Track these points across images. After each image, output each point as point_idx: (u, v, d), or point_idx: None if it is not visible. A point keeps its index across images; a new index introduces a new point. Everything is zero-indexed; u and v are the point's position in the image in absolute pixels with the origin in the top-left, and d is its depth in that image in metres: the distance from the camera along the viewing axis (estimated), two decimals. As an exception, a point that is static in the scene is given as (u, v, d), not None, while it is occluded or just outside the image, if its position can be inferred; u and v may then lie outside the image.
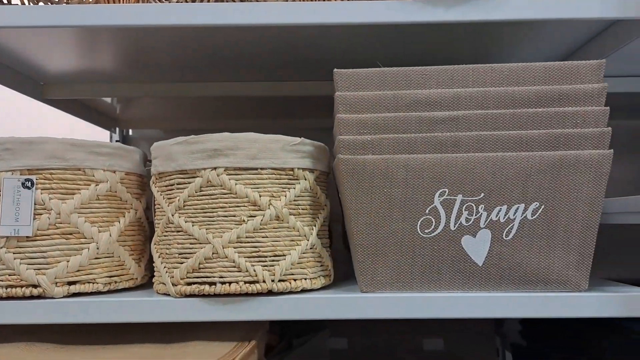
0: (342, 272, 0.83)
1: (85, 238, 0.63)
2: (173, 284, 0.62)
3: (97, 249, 0.64)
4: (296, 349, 0.99)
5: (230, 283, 0.60)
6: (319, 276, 0.66)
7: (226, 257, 0.60)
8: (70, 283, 0.62)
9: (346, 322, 1.10)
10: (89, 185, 0.64)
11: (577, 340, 0.74)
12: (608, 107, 0.63)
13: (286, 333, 1.08)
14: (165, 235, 0.64)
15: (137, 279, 0.69)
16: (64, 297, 0.62)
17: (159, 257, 0.65)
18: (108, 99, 1.11)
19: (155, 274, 0.66)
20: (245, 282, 0.61)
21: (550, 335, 0.82)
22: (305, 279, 0.64)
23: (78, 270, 0.62)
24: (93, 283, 0.63)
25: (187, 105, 1.12)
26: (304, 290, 0.64)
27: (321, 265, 0.67)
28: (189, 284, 0.61)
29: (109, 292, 0.65)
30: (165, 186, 0.65)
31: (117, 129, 1.21)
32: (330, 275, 0.69)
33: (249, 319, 0.61)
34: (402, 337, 1.10)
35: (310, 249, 0.65)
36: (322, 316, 0.61)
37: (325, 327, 1.11)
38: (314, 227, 0.66)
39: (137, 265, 0.69)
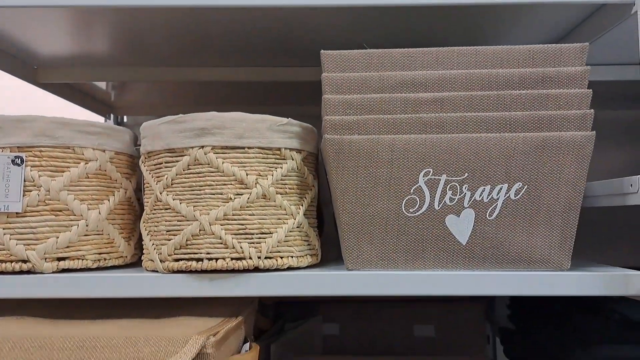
0: (334, 256, 0.84)
1: (75, 215, 0.64)
2: (161, 260, 0.63)
3: (87, 226, 0.64)
4: (288, 333, 1.00)
5: (217, 259, 0.61)
6: (305, 255, 0.67)
7: (213, 234, 0.61)
8: (59, 259, 0.63)
9: (338, 308, 1.12)
10: (79, 163, 0.65)
11: (562, 322, 0.75)
12: (591, 90, 0.64)
13: (279, 318, 1.09)
14: (153, 213, 0.65)
15: (126, 257, 0.70)
16: (53, 272, 0.62)
17: (148, 234, 0.66)
18: (103, 85, 1.12)
19: (144, 251, 0.67)
20: (232, 259, 0.62)
21: (537, 318, 0.83)
22: (292, 256, 0.65)
23: (67, 247, 0.63)
24: (82, 260, 0.64)
25: (181, 91, 1.13)
26: (290, 268, 0.65)
27: (308, 245, 0.68)
28: (177, 260, 0.62)
29: (98, 269, 0.66)
30: (154, 165, 0.66)
31: (112, 115, 1.22)
32: (317, 255, 0.70)
33: (235, 295, 0.62)
34: (393, 323, 1.11)
35: (297, 227, 0.66)
36: (307, 292, 0.62)
37: (317, 313, 1.13)
38: (300, 207, 0.67)
39: (127, 243, 0.70)
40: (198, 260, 0.62)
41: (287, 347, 1.10)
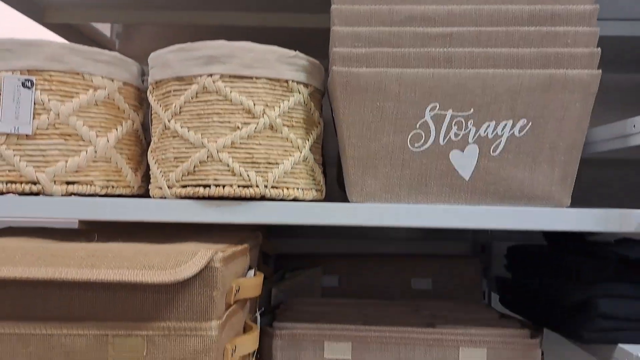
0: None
1: (84, 141, 0.65)
2: (169, 187, 0.64)
3: (95, 152, 0.65)
4: (288, 280, 1.02)
5: (224, 186, 0.62)
6: (310, 189, 0.68)
7: (220, 161, 0.62)
8: (68, 183, 0.64)
9: (338, 262, 1.13)
10: (88, 90, 0.65)
11: (558, 265, 0.76)
12: (598, 29, 0.64)
13: (280, 268, 1.11)
14: (161, 142, 0.66)
15: (133, 187, 0.71)
16: (62, 195, 0.63)
17: (155, 162, 0.66)
18: (107, 33, 1.12)
19: (151, 180, 0.68)
20: (239, 186, 0.63)
21: (533, 265, 0.84)
22: (297, 188, 0.66)
23: (76, 171, 0.64)
24: (91, 185, 0.65)
25: (186, 40, 1.12)
26: (295, 200, 0.66)
27: (313, 180, 0.69)
28: (184, 186, 0.63)
29: (106, 196, 0.67)
30: (162, 94, 0.66)
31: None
32: (322, 191, 0.71)
33: (241, 222, 0.63)
34: (391, 276, 1.13)
35: (303, 161, 0.67)
36: (311, 221, 0.63)
37: (317, 265, 1.14)
38: (307, 141, 0.68)
39: (134, 174, 0.71)
40: (205, 186, 0.63)
41: (287, 293, 1.12)
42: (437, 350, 0.71)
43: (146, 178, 0.73)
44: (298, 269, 1.10)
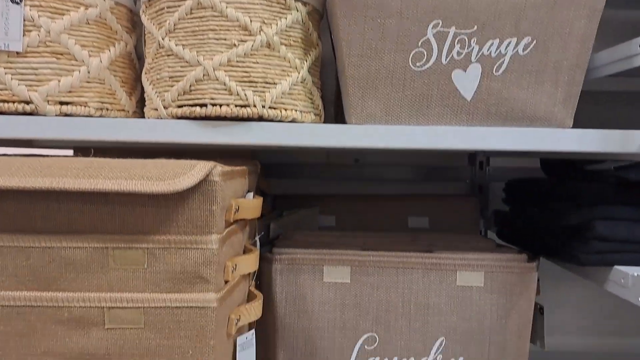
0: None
1: (76, 60, 0.63)
2: (164, 107, 0.63)
3: (88, 72, 0.64)
4: (286, 217, 1.02)
5: (221, 105, 0.61)
6: (309, 112, 0.67)
7: (217, 80, 0.61)
8: (62, 103, 0.63)
9: (335, 202, 1.13)
10: (79, 8, 0.63)
11: (557, 192, 0.77)
12: (609, -59, 0.62)
13: (278, 207, 1.11)
14: (155, 62, 0.64)
15: (128, 111, 0.69)
16: (56, 116, 0.62)
17: (150, 84, 0.65)
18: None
19: (146, 102, 0.67)
20: (236, 106, 0.61)
21: (532, 195, 0.84)
22: (296, 110, 0.65)
23: (69, 92, 0.63)
24: (85, 106, 0.64)
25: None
26: (294, 122, 0.65)
27: (312, 103, 0.68)
28: (180, 106, 0.62)
29: (101, 117, 0.66)
30: (155, 12, 0.64)
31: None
32: (321, 116, 0.70)
33: (239, 143, 0.62)
34: (388, 215, 1.13)
35: (301, 82, 0.65)
36: (310, 143, 0.63)
37: (314, 205, 1.14)
38: (305, 62, 0.66)
39: (129, 98, 0.69)
40: (202, 106, 0.61)
41: (285, 229, 1.13)
42: (435, 274, 0.72)
43: (141, 104, 0.72)
44: (295, 209, 1.11)
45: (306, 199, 1.14)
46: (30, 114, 0.62)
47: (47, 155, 0.69)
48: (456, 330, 0.72)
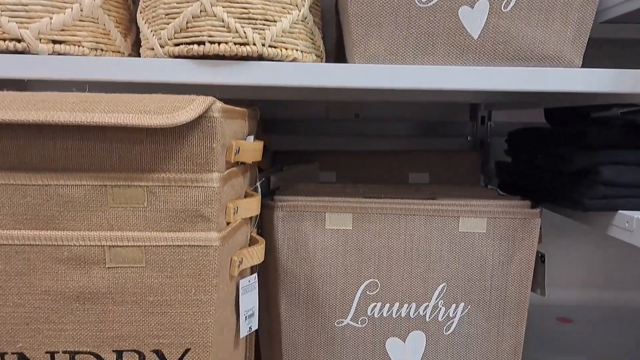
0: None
1: (68, -3, 0.60)
2: (161, 46, 0.61)
3: (81, 10, 0.61)
4: (286, 171, 1.01)
5: (219, 43, 0.59)
6: (310, 52, 0.65)
7: (215, 16, 0.58)
8: (55, 42, 0.60)
9: (335, 156, 1.12)
10: (68, -60, 0.60)
11: (561, 138, 0.75)
12: None
13: (277, 163, 1.09)
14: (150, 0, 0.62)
15: (123, 53, 0.67)
16: (49, 55, 0.60)
17: (145, 23, 0.63)
18: None
19: (142, 43, 0.64)
20: (235, 44, 0.59)
21: (536, 142, 0.83)
22: (297, 50, 0.63)
23: (62, 30, 0.60)
24: (78, 46, 0.61)
25: None
26: (295, 61, 0.63)
27: (313, 43, 0.66)
28: (177, 44, 0.60)
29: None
30: (150, -55, 0.61)
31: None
32: (322, 57, 0.68)
33: (238, 83, 0.60)
34: (389, 171, 1.12)
35: (302, 20, 0.63)
36: (311, 83, 0.61)
37: (314, 161, 1.13)
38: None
39: (124, 39, 0.67)
40: (200, 44, 0.59)
41: (285, 183, 1.12)
42: (438, 221, 0.71)
43: (137, 47, 0.70)
44: (295, 165, 1.09)
45: (306, 155, 1.12)
46: (22, 52, 0.60)
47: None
48: (457, 276, 0.72)
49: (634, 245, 0.61)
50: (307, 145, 1.22)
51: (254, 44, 0.59)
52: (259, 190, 0.70)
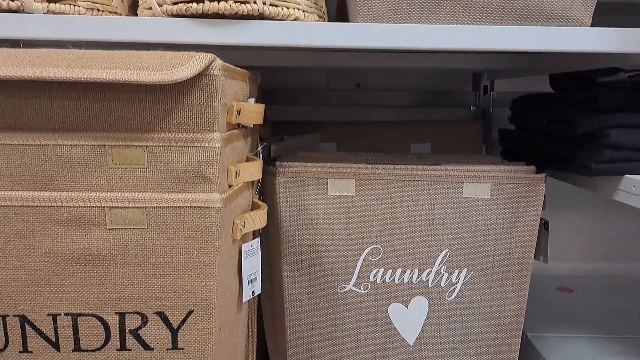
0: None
1: (61, -47, 0.58)
2: (159, 4, 0.59)
3: (75, -33, 0.59)
4: (287, 141, 1.00)
5: (219, 1, 0.57)
6: (312, 12, 0.63)
7: (214, -27, 0.57)
8: (50, 1, 0.58)
9: (336, 127, 1.11)
10: None
11: (567, 102, 0.74)
12: None
13: (277, 133, 1.08)
14: (147, -44, 0.60)
15: (120, 14, 0.65)
16: (44, 14, 0.58)
17: (143, -19, 0.61)
18: None
19: (139, 3, 0.62)
20: (235, 2, 0.57)
21: (540, 109, 0.82)
22: (299, 9, 0.61)
23: (56, -12, 0.58)
24: (74, 5, 0.60)
25: None
26: (296, 21, 0.61)
27: (315, 3, 0.64)
28: (176, 3, 0.58)
29: (92, 19, 0.62)
30: None
31: None
32: (324, 18, 0.66)
33: (239, 43, 0.59)
34: (390, 141, 1.11)
35: (304, -21, 0.61)
36: (313, 42, 0.59)
37: (315, 131, 1.12)
38: (308, -43, 0.61)
39: (121, 0, 0.65)
40: (199, 2, 0.57)
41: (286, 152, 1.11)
42: (441, 186, 0.71)
43: (134, 9, 0.68)
44: (296, 135, 1.08)
45: (306, 126, 1.11)
46: (16, 11, 0.58)
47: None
48: (461, 242, 0.71)
49: (635, 218, 0.61)
50: (308, 116, 1.21)
51: (255, 2, 0.58)
52: (260, 155, 0.69)
